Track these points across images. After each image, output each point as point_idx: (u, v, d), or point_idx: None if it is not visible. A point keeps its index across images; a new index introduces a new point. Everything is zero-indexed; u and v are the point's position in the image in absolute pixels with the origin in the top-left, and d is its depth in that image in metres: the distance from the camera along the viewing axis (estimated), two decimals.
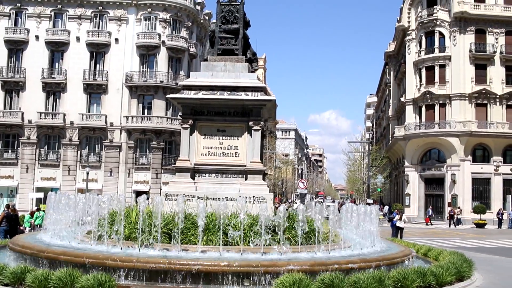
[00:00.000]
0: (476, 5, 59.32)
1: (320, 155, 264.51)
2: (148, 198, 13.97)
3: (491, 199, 57.56)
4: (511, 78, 58.97)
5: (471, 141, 57.47)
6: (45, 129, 56.26)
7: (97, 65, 57.38)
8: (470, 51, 58.24)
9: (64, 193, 16.98)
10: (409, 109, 61.75)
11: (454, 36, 58.60)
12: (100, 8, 57.48)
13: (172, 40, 57.54)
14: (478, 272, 15.40)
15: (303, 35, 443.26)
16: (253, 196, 15.85)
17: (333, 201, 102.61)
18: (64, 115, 55.97)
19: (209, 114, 16.94)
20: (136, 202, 13.56)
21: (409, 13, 63.48)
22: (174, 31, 58.37)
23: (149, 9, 57.41)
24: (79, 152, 56.35)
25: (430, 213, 56.03)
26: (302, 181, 61.85)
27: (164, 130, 55.95)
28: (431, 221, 54.94)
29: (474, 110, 58.12)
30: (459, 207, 56.02)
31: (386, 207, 67.76)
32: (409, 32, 63.00)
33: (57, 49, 57.35)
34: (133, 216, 13.74)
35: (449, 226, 51.91)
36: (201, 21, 63.45)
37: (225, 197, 15.36)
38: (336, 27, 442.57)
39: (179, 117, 19.14)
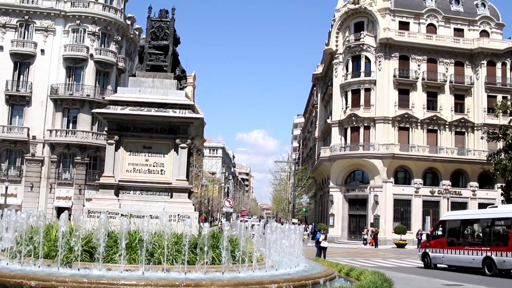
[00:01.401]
0: (400, 33, 61.69)
1: (247, 174, 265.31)
2: (70, 215, 13.55)
3: (411, 220, 59.38)
4: (432, 104, 61.42)
5: (394, 163, 59.22)
6: None
7: (21, 76, 55.63)
8: (394, 76, 60.29)
9: None
10: (335, 131, 63.04)
11: (380, 61, 60.50)
12: (26, 17, 55.88)
13: (100, 54, 56.58)
14: None
15: (233, 54, 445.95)
16: (178, 214, 15.68)
17: (260, 220, 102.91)
18: None
19: (136, 130, 16.68)
20: (58, 218, 13.13)
21: (337, 37, 65.05)
22: (103, 45, 57.43)
23: (77, 21, 56.30)
24: None
25: (373, 234, 56.81)
26: (228, 199, 61.68)
27: (89, 145, 54.73)
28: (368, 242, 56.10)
29: (397, 133, 60.05)
30: (367, 229, 57.64)
31: (311, 226, 68.65)
32: (336, 55, 64.53)
33: None
34: (53, 233, 13.30)
35: (376, 246, 53.03)
36: (131, 36, 62.76)
37: (150, 215, 15.08)
38: (266, 47, 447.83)
39: (104, 132, 18.72)
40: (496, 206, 32.21)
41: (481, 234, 28.84)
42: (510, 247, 24.69)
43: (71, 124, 55.77)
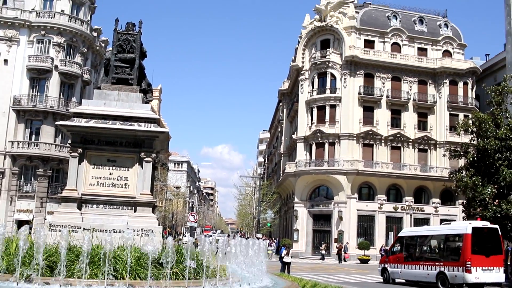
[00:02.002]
0: (366, 51, 62.60)
1: (212, 189, 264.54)
2: (31, 228, 13.32)
3: (375, 235, 59.88)
4: (396, 121, 62.31)
5: (358, 179, 59.74)
6: None
7: None
8: (359, 93, 61.01)
9: None
10: (300, 146, 63.36)
11: (345, 79, 61.19)
12: None
13: (65, 65, 55.86)
14: None
15: (199, 69, 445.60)
16: (142, 229, 15.58)
17: (228, 236, 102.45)
18: None
19: (100, 143, 16.54)
20: (18, 231, 12.88)
21: (303, 53, 65.63)
22: (68, 56, 56.74)
23: (43, 32, 55.58)
24: None
25: (347, 250, 56.86)
26: (193, 214, 61.35)
27: (52, 158, 53.85)
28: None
29: (361, 150, 60.65)
30: (326, 244, 58.03)
31: (275, 241, 68.59)
32: (302, 72, 65.05)
33: None
34: (13, 247, 13.03)
35: (339, 261, 53.24)
36: (97, 48, 62.22)
37: (113, 229, 14.96)
38: (232, 62, 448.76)
39: (68, 145, 18.49)
40: (450, 223, 32.92)
41: (435, 250, 29.69)
42: (461, 262, 25.41)
43: (33, 136, 54.78)
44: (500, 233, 27.01)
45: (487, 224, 28.17)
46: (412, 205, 59.52)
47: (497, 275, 25.64)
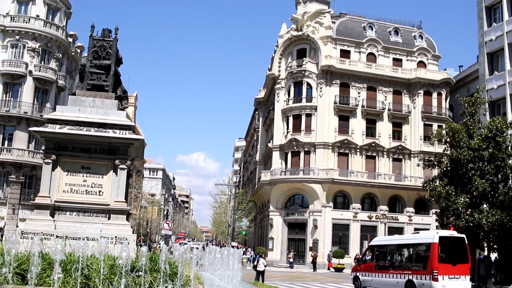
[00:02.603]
0: (341, 60, 63.09)
1: (187, 196, 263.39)
2: (2, 235, 13.12)
3: (350, 244, 60.18)
4: (371, 130, 62.81)
5: (333, 188, 60.03)
6: None
7: None
8: (335, 102, 61.41)
9: None
10: (275, 155, 63.48)
11: (321, 88, 61.53)
12: None
13: (40, 71, 55.26)
14: None
15: (175, 76, 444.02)
16: (116, 237, 15.44)
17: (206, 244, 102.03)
18: None
19: (74, 150, 16.38)
20: None
21: (279, 62, 65.88)
22: (42, 62, 56.13)
23: (17, 37, 54.92)
24: None
25: (331, 259, 56.84)
26: (167, 222, 61.07)
27: (25, 164, 53.16)
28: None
29: (337, 158, 60.98)
30: (294, 252, 58.22)
31: (251, 250, 68.41)
32: (279, 80, 65.26)
33: None
34: None
35: (314, 270, 53.25)
36: (73, 53, 61.68)
37: (86, 237, 14.80)
38: (208, 70, 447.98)
39: (41, 151, 18.30)
40: (418, 232, 33.29)
41: (404, 259, 30.07)
42: (429, 270, 25.78)
43: (6, 142, 54.02)
44: (466, 242, 27.43)
45: (454, 233, 28.60)
46: (387, 214, 60.04)
47: (464, 283, 26.04)
